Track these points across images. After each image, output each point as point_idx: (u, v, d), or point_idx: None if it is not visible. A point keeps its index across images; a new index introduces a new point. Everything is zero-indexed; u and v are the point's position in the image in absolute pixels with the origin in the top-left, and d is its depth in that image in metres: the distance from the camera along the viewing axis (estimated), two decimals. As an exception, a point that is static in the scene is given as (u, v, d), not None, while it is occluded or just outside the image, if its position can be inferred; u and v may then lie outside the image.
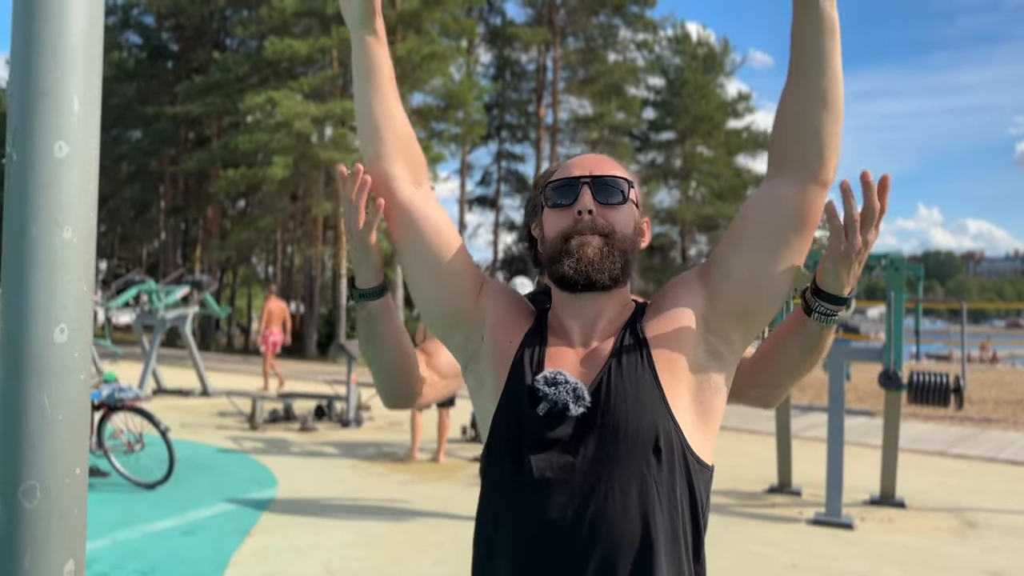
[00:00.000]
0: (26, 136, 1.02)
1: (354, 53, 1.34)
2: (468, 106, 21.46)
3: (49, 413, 1.03)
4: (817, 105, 1.16)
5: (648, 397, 1.14)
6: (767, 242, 1.18)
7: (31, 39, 1.03)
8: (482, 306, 1.29)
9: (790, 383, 1.35)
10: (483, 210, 31.26)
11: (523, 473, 1.15)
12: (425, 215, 1.29)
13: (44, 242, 1.02)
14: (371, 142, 1.31)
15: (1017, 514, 6.37)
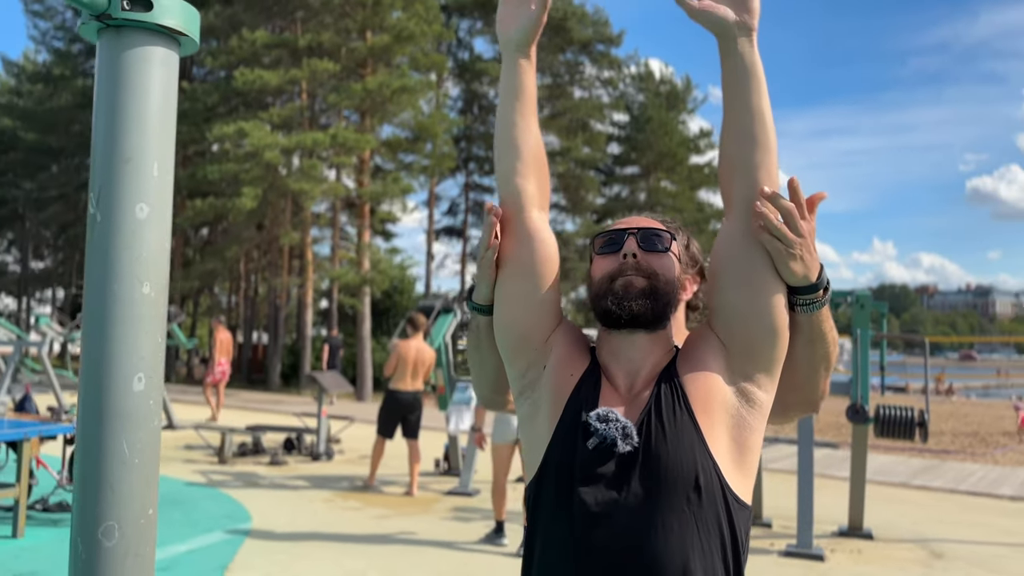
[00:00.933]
0: (110, 198, 1.10)
1: (505, 74, 1.41)
2: (437, 139, 21.63)
3: (128, 457, 1.09)
4: (747, 142, 1.27)
5: (687, 438, 1.22)
6: (736, 278, 1.27)
7: (116, 109, 1.11)
8: (552, 340, 1.37)
9: (816, 378, 1.40)
10: (450, 240, 31.39)
11: (572, 504, 1.23)
12: (543, 241, 1.37)
13: (126, 297, 1.09)
14: (510, 159, 1.39)
15: (981, 544, 6.57)
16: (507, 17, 1.41)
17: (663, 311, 1.31)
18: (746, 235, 1.27)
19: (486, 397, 1.62)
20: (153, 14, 1.11)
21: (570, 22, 25.64)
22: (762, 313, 1.26)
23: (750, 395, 1.27)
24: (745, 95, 1.27)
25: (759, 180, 1.27)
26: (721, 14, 1.27)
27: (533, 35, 1.39)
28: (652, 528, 1.19)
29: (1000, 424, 18.46)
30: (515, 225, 1.37)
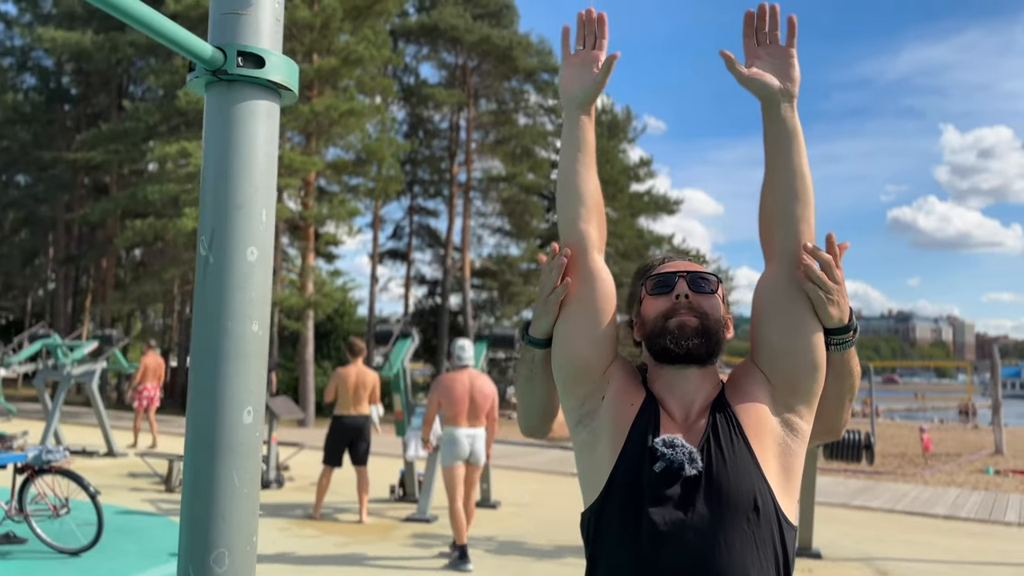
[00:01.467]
0: (224, 242, 1.17)
1: (568, 127, 1.54)
2: (384, 162, 21.63)
3: (238, 487, 1.15)
4: (788, 198, 1.42)
5: (744, 463, 1.34)
6: (780, 319, 1.41)
7: (227, 158, 1.18)
8: (609, 372, 1.48)
9: (841, 410, 1.55)
10: (394, 263, 31.27)
11: (640, 525, 1.33)
12: (604, 280, 1.49)
13: (237, 335, 1.16)
14: (574, 205, 1.51)
15: (922, 562, 6.88)
16: (571, 79, 1.53)
17: (715, 348, 1.43)
18: (789, 281, 1.41)
19: (533, 426, 1.70)
20: (265, 70, 1.19)
21: (515, 51, 26.03)
22: (805, 351, 1.39)
23: (793, 425, 1.40)
24: (788, 155, 1.42)
25: (801, 232, 1.41)
26: (768, 81, 1.42)
27: (595, 96, 1.52)
28: (717, 546, 1.29)
29: (926, 445, 19.27)
30: (579, 265, 1.49)
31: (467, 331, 26.49)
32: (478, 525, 7.85)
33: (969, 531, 8.53)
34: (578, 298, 1.48)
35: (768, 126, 1.44)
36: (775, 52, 1.45)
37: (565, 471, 12.10)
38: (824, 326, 1.42)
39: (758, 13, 1.46)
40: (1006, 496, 10.99)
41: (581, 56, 1.54)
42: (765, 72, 1.43)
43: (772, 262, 1.44)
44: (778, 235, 1.43)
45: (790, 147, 1.42)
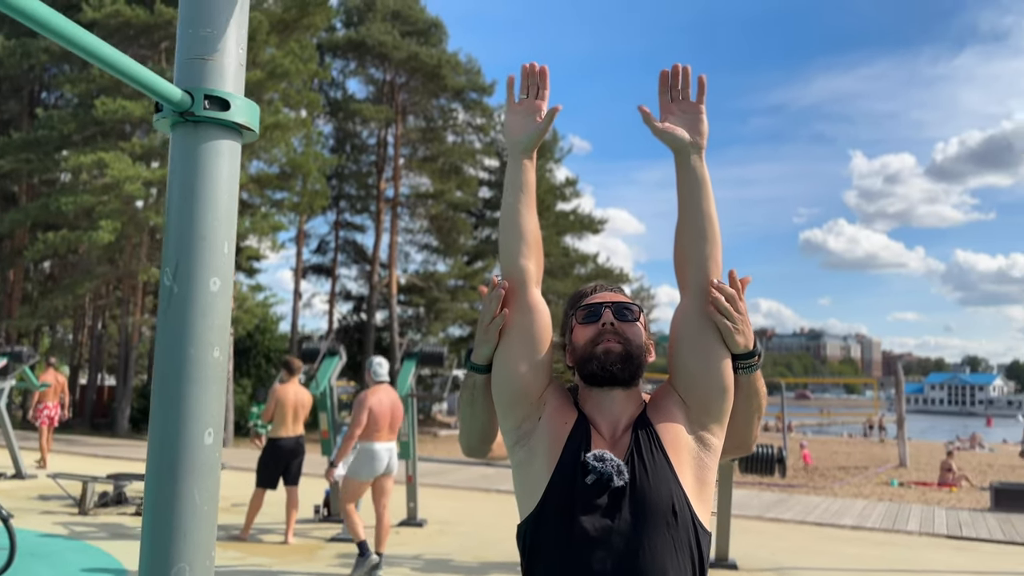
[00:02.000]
0: (188, 272, 1.24)
1: (512, 170, 1.65)
2: (309, 176, 21.42)
3: (199, 505, 1.22)
4: (697, 237, 1.59)
5: (663, 474, 1.48)
6: (693, 347, 1.57)
7: (192, 193, 1.25)
8: (544, 395, 1.59)
9: (750, 427, 1.71)
10: (319, 278, 30.86)
11: (573, 532, 1.45)
12: (542, 312, 1.60)
13: (200, 360, 1.23)
14: (516, 243, 1.62)
15: (831, 571, 7.24)
16: (516, 125, 1.66)
17: (636, 372, 1.58)
18: (700, 313, 1.56)
19: (473, 447, 1.81)
20: (230, 113, 1.27)
21: (444, 69, 26.21)
22: (715, 376, 1.55)
23: (706, 441, 1.56)
24: (697, 201, 1.58)
25: (709, 269, 1.58)
26: (679, 135, 1.59)
27: (538, 142, 1.65)
28: (640, 548, 1.43)
29: (834, 459, 20.14)
30: (519, 298, 1.60)
31: (393, 348, 26.34)
32: (404, 544, 7.85)
33: (875, 540, 8.99)
34: (518, 328, 1.59)
35: (680, 174, 1.60)
36: (686, 108, 1.61)
37: (490, 488, 12.18)
38: (731, 352, 1.58)
39: (671, 73, 1.62)
40: (908, 507, 11.60)
41: (525, 104, 1.67)
42: (677, 126, 1.59)
43: (685, 295, 1.60)
44: (689, 271, 1.59)
45: (700, 194, 1.59)
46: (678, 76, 1.62)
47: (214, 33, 1.29)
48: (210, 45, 1.28)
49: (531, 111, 1.66)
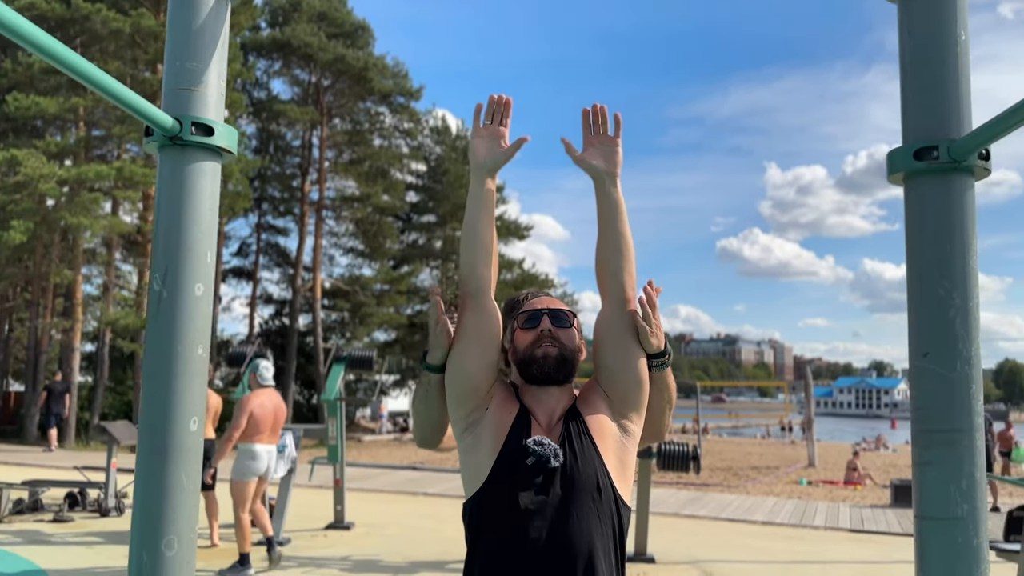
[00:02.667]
0: (176, 279, 1.41)
1: (475, 188, 1.84)
2: (231, 177, 21.06)
3: (184, 484, 1.38)
4: (614, 253, 1.84)
5: (590, 456, 1.72)
6: (613, 348, 1.82)
7: (178, 209, 1.42)
8: (492, 390, 1.80)
9: (663, 417, 1.95)
10: (239, 282, 30.24)
11: (513, 506, 1.67)
12: (494, 318, 1.79)
13: (187, 357, 1.40)
14: (476, 253, 1.81)
15: (743, 563, 7.66)
16: (481, 148, 1.85)
17: (570, 372, 1.82)
18: (619, 319, 1.81)
19: (427, 438, 2.00)
20: (214, 138, 1.44)
21: (371, 72, 26.12)
22: (632, 372, 1.80)
23: (627, 428, 1.80)
24: (614, 223, 1.84)
25: (625, 282, 1.84)
26: (596, 164, 1.84)
27: (501, 166, 1.86)
28: (570, 517, 1.66)
29: (747, 460, 20.95)
30: (476, 303, 1.80)
31: (317, 352, 26.07)
32: (332, 546, 7.93)
33: (784, 535, 9.51)
34: (473, 331, 1.79)
35: (599, 199, 1.85)
36: (605, 141, 1.86)
37: (417, 491, 12.30)
38: (646, 352, 1.83)
39: (592, 111, 1.87)
40: (815, 504, 12.26)
41: (489, 130, 1.86)
42: (595, 157, 1.84)
43: (606, 302, 1.85)
44: (609, 282, 1.84)
45: (615, 216, 1.84)
46: (598, 114, 1.87)
47: (199, 67, 1.46)
48: (195, 77, 1.46)
49: (495, 136, 1.86)
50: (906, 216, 1.34)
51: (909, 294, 1.32)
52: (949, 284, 1.27)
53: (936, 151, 1.28)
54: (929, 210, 1.30)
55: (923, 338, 1.29)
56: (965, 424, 1.26)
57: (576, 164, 1.84)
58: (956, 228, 1.28)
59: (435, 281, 30.68)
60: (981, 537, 1.25)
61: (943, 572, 1.24)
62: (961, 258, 1.28)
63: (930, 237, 1.30)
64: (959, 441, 1.26)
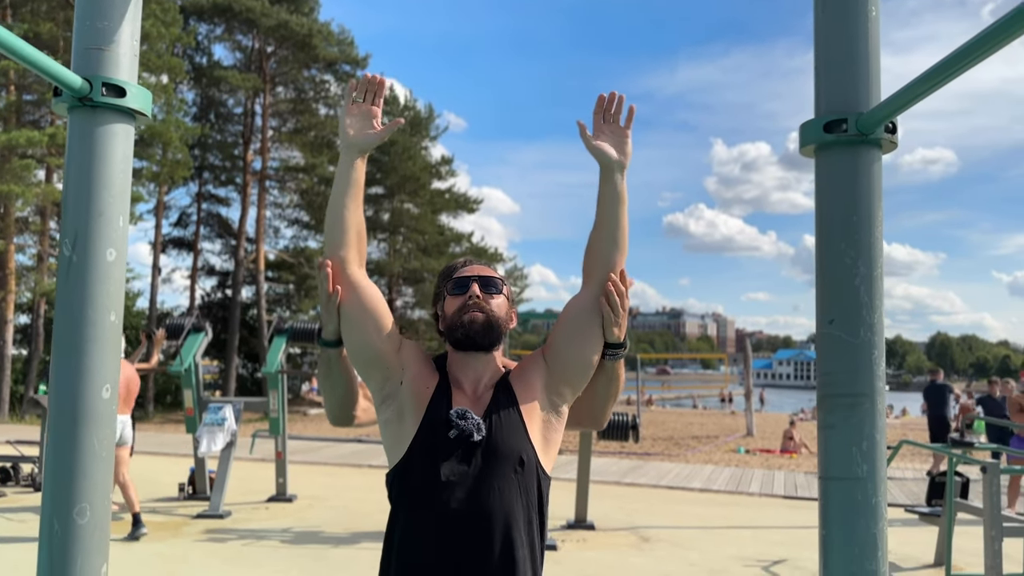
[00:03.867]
0: (86, 244, 1.37)
1: (343, 167, 1.78)
2: (170, 145, 20.48)
3: (97, 451, 1.36)
4: (610, 244, 1.83)
5: (516, 430, 1.73)
6: (578, 329, 1.82)
7: (89, 173, 1.38)
8: (403, 360, 1.79)
9: (607, 406, 1.97)
10: (180, 252, 29.47)
11: (435, 476, 1.67)
12: (366, 286, 1.78)
13: (98, 324, 1.37)
14: (340, 234, 1.77)
15: (679, 528, 7.87)
16: (353, 127, 1.81)
17: (497, 338, 1.82)
18: (593, 306, 1.81)
19: (338, 416, 1.99)
20: (126, 100, 1.40)
21: (315, 39, 25.53)
22: (586, 355, 1.81)
23: (557, 407, 1.82)
24: (615, 213, 1.82)
25: (613, 272, 1.82)
26: (609, 153, 1.80)
27: (372, 147, 1.82)
28: (492, 489, 1.68)
29: (688, 430, 21.43)
30: (344, 279, 1.78)
31: (261, 325, 25.68)
32: (274, 518, 7.89)
33: (720, 501, 9.79)
34: (349, 303, 1.78)
35: (603, 188, 1.82)
36: (616, 131, 1.83)
37: (361, 463, 12.28)
38: (606, 340, 1.84)
39: (608, 98, 1.83)
40: (752, 471, 12.62)
41: (361, 108, 1.82)
42: (607, 145, 1.81)
43: (587, 288, 1.84)
44: (598, 272, 1.82)
45: (618, 207, 1.82)
46: (613, 101, 1.83)
47: (110, 26, 1.41)
48: (106, 36, 1.40)
49: (367, 115, 1.81)
50: (816, 187, 1.38)
51: (817, 263, 1.36)
52: (855, 253, 1.31)
53: (845, 124, 1.31)
54: (837, 181, 1.34)
55: (829, 305, 1.33)
56: (867, 388, 1.30)
57: (587, 149, 1.80)
58: (863, 199, 1.32)
59: (384, 255, 30.41)
60: (880, 496, 1.30)
61: (844, 528, 1.30)
62: (867, 228, 1.32)
63: (838, 207, 1.33)
64: (861, 405, 1.30)
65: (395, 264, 28.95)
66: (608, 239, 1.82)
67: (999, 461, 5.55)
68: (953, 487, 5.95)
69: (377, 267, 28.80)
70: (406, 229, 30.00)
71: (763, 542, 7.31)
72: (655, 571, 6.16)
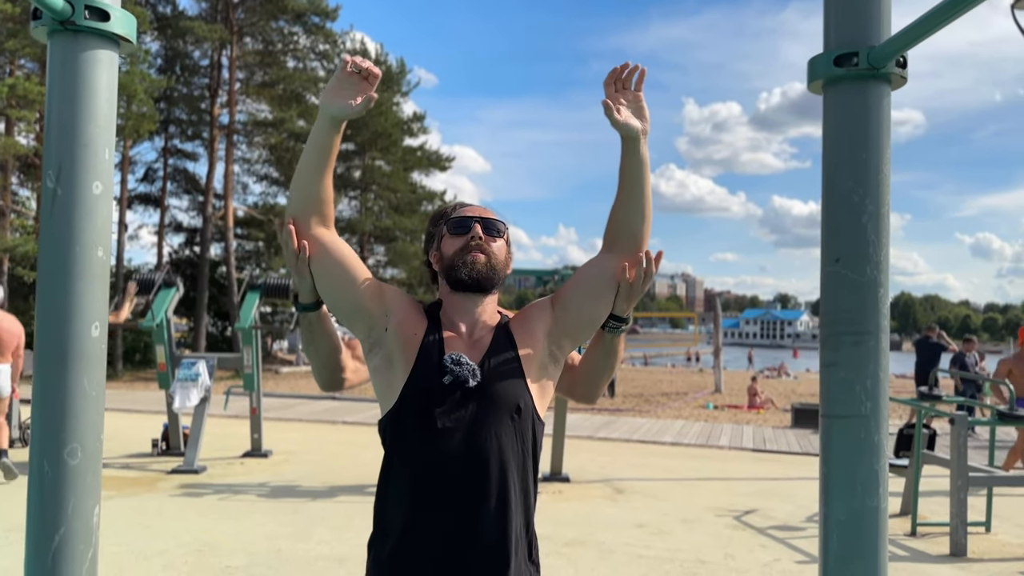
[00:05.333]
0: (71, 177, 1.31)
1: (318, 133, 1.69)
2: (135, 98, 19.92)
3: (87, 391, 1.32)
4: (636, 214, 1.80)
5: (514, 376, 1.70)
6: (594, 290, 1.79)
7: (73, 102, 1.32)
8: (386, 306, 1.74)
9: (603, 379, 1.97)
10: (146, 209, 28.89)
11: (429, 423, 1.65)
12: (334, 240, 1.72)
13: (85, 259, 1.31)
14: (306, 200, 1.71)
15: (651, 481, 7.99)
16: (334, 95, 1.69)
17: (497, 281, 1.78)
18: (612, 271, 1.78)
19: (326, 379, 1.93)
20: (110, 24, 1.33)
21: (284, -11, 24.86)
22: (597, 312, 1.79)
23: (556, 356, 1.80)
24: (641, 182, 1.78)
25: (639, 241, 1.80)
26: (634, 124, 1.76)
27: (346, 119, 1.71)
28: (489, 435, 1.66)
29: (658, 387, 21.71)
30: (313, 242, 1.72)
31: (230, 283, 25.38)
32: (249, 473, 7.87)
33: (690, 454, 9.96)
34: (319, 257, 1.72)
35: (628, 158, 1.78)
36: (629, 97, 1.78)
37: (336, 420, 12.29)
38: (613, 312, 1.82)
39: (620, 69, 1.77)
40: (721, 426, 12.84)
41: (353, 79, 1.69)
42: (629, 115, 1.76)
43: (608, 252, 1.80)
44: (622, 241, 1.79)
45: (642, 176, 1.78)
46: (625, 70, 1.77)
47: (92, -55, 1.33)
48: (87, -44, 1.33)
49: (355, 86, 1.69)
50: (824, 123, 1.35)
51: (824, 201, 1.34)
52: (863, 190, 1.30)
53: (856, 57, 1.29)
54: (846, 117, 1.32)
55: (835, 244, 1.32)
56: (872, 326, 1.30)
57: (612, 125, 1.75)
58: (872, 135, 1.30)
59: (356, 213, 30.07)
60: (882, 433, 1.31)
61: (846, 466, 1.30)
62: (876, 165, 1.31)
63: (846, 144, 1.31)
64: (866, 342, 1.30)
65: (367, 222, 28.65)
66: (636, 211, 1.79)
67: (966, 413, 5.69)
68: (921, 439, 6.10)
69: (348, 225, 28.51)
70: (378, 187, 29.68)
71: (733, 493, 7.46)
72: (629, 521, 6.26)
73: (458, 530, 1.66)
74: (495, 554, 1.66)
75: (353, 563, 4.90)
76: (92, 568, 1.39)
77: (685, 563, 5.19)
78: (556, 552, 5.28)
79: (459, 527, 1.66)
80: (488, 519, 1.66)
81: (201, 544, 5.29)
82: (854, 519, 1.30)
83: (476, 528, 1.66)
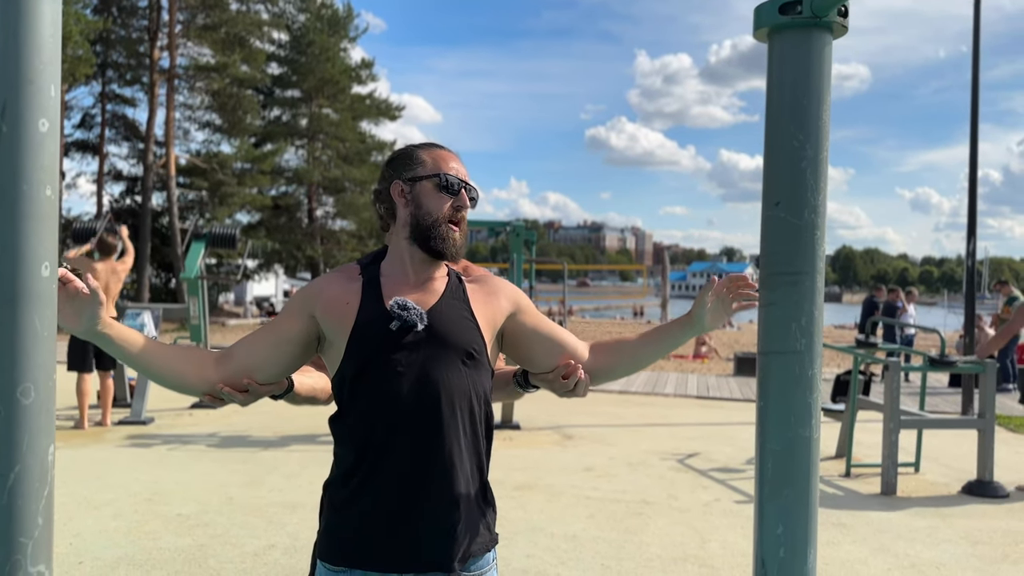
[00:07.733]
0: (17, 114, 1.28)
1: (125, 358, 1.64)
2: (70, 40, 19.09)
3: (39, 331, 1.31)
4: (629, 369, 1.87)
5: (467, 323, 1.72)
6: (545, 348, 1.80)
7: (16, 37, 1.29)
8: (308, 313, 1.73)
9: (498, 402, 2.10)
10: (84, 156, 27.89)
11: (382, 366, 1.66)
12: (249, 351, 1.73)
13: (33, 198, 1.30)
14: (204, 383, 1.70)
15: (598, 427, 8.19)
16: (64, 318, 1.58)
17: (462, 252, 1.79)
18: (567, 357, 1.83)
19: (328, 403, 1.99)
20: (51, -44, 1.29)
21: (225, -73, 23.90)
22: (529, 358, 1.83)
23: (496, 343, 1.82)
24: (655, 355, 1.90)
25: (606, 377, 1.88)
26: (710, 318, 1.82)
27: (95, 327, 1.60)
28: (441, 377, 1.68)
29: (607, 337, 22.10)
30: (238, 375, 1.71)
31: (174, 233, 24.79)
32: (198, 424, 7.83)
33: (637, 402, 10.21)
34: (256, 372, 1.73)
35: (671, 331, 1.83)
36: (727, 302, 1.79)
37: (285, 371, 12.23)
38: (530, 378, 1.87)
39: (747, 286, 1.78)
40: (667, 375, 13.16)
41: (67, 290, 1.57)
42: (715, 311, 1.79)
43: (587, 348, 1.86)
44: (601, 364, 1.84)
45: (661, 353, 1.87)
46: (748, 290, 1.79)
47: None
48: None
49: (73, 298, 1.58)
50: (768, 71, 1.40)
51: (766, 146, 1.40)
52: (803, 136, 1.35)
53: (800, 6, 1.33)
54: (789, 63, 1.36)
55: (776, 188, 1.37)
56: (808, 267, 1.37)
57: (699, 299, 1.79)
58: (813, 82, 1.35)
59: (303, 163, 29.47)
60: (816, 368, 1.38)
61: (782, 399, 1.38)
62: (816, 112, 1.36)
63: (788, 91, 1.36)
64: (802, 282, 1.37)
65: (315, 172, 28.15)
66: (629, 367, 1.88)
67: (899, 359, 5.94)
68: (857, 385, 6.36)
69: (296, 175, 28.00)
70: (325, 136, 29.12)
71: (678, 438, 7.70)
72: (578, 464, 6.43)
73: (413, 471, 1.70)
74: (447, 493, 1.71)
75: (306, 509, 4.96)
76: (48, 505, 1.40)
77: (630, 504, 5.37)
78: (507, 496, 5.41)
79: (414, 468, 1.69)
80: (440, 462, 1.70)
81: (151, 493, 5.28)
82: (788, 448, 1.38)
83: (429, 471, 1.69)
